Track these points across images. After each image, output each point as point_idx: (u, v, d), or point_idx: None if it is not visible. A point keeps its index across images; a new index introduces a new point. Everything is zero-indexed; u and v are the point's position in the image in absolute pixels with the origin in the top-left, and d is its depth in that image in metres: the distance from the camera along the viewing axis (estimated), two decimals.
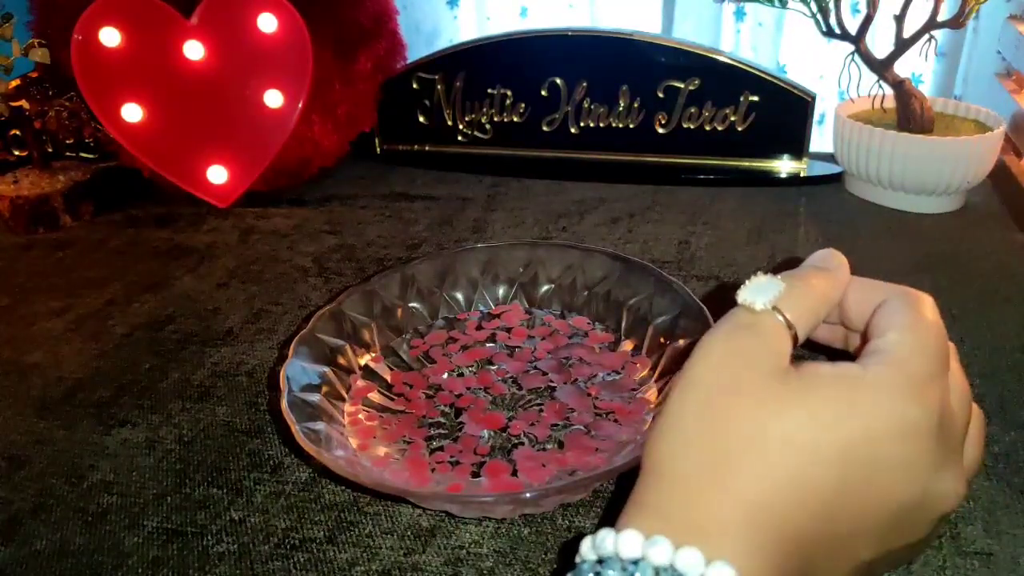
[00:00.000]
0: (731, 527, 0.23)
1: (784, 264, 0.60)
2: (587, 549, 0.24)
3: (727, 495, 0.23)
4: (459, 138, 0.82)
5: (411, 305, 0.51)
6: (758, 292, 0.26)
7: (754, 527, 0.23)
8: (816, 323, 0.28)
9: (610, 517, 0.24)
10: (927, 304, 0.27)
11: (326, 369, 0.44)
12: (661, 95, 0.75)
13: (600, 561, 0.23)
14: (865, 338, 0.28)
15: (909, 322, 0.26)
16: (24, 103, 0.71)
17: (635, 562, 0.22)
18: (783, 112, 0.73)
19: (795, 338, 0.26)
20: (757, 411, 0.24)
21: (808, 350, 0.26)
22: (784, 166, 0.75)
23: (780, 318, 0.26)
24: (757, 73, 0.72)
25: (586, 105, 0.77)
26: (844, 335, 0.32)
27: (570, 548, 0.36)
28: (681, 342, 0.43)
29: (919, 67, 1.25)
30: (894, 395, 0.24)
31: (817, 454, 0.23)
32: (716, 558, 0.22)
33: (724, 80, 0.73)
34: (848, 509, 0.24)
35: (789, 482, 0.23)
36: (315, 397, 0.42)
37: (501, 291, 0.53)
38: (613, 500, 0.39)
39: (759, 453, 0.23)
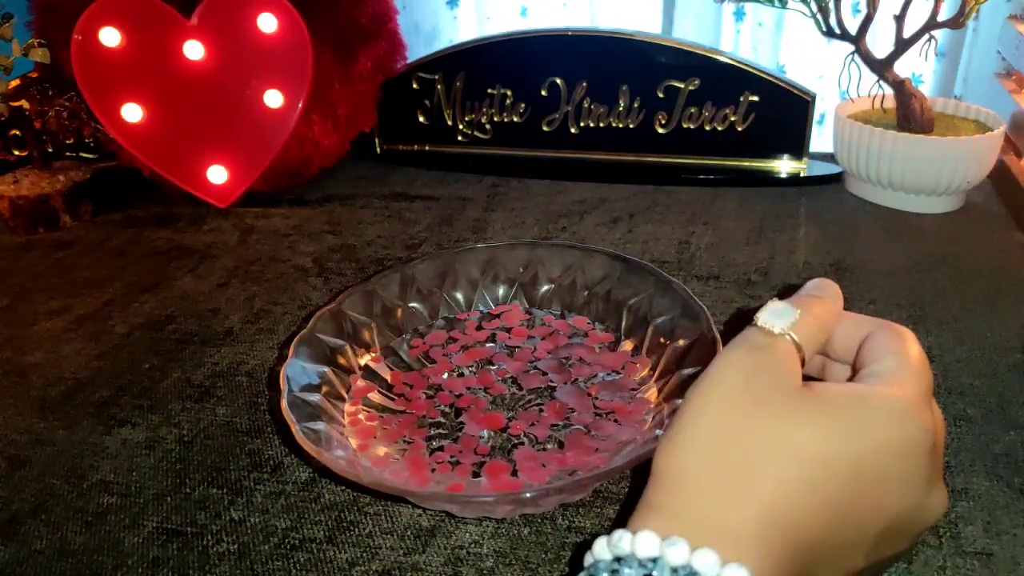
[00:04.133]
0: (746, 531, 0.24)
1: (781, 267, 0.60)
2: (601, 548, 0.24)
3: (744, 500, 0.24)
4: (459, 138, 0.82)
5: (411, 305, 0.51)
6: (776, 316, 0.29)
7: (767, 531, 0.24)
8: (818, 349, 0.30)
9: (621, 520, 0.25)
10: (912, 337, 0.29)
11: (326, 369, 0.44)
12: (661, 95, 0.75)
13: (617, 560, 0.23)
14: (855, 367, 0.30)
15: (901, 350, 0.28)
16: (24, 103, 0.71)
17: (653, 560, 0.23)
18: (783, 112, 0.73)
19: (803, 360, 0.28)
20: (775, 423, 0.25)
21: None
22: (784, 166, 0.75)
23: (792, 341, 0.28)
24: (757, 73, 0.72)
25: (586, 105, 0.77)
26: (822, 364, 0.34)
27: (578, 553, 0.36)
28: (681, 342, 0.43)
29: (919, 67, 1.25)
30: (897, 414, 0.26)
31: (829, 465, 0.25)
32: (731, 560, 0.23)
33: (724, 80, 0.73)
34: (853, 518, 0.25)
35: (803, 491, 0.24)
36: (315, 397, 0.42)
37: (501, 291, 0.53)
38: (615, 501, 0.39)
39: (776, 462, 0.25)
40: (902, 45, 0.64)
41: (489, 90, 0.79)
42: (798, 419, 0.25)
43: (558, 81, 0.77)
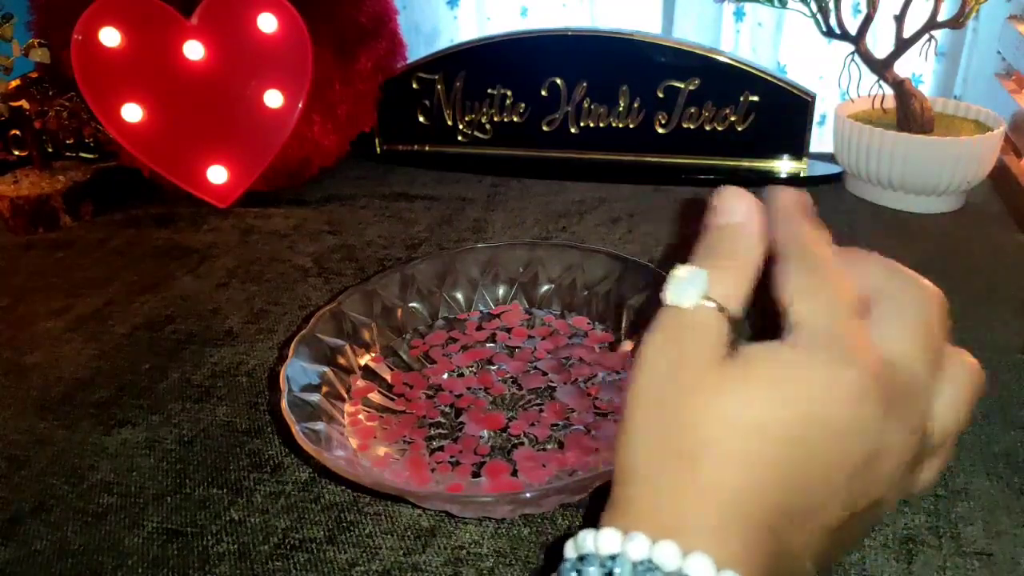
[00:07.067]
0: (702, 517, 0.23)
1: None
2: (570, 549, 0.25)
3: (692, 487, 0.24)
4: (459, 138, 0.82)
5: (411, 305, 0.51)
6: (683, 289, 0.26)
7: (724, 513, 0.23)
8: (749, 288, 0.27)
9: (592, 521, 0.25)
10: (821, 256, 0.27)
11: (326, 369, 0.44)
12: (661, 95, 0.75)
13: (581, 559, 0.24)
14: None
15: (809, 286, 0.26)
16: (24, 103, 0.71)
17: (613, 557, 0.23)
18: (783, 112, 0.73)
19: (731, 319, 0.26)
20: (703, 401, 0.24)
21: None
22: (784, 166, 0.75)
23: (711, 305, 0.26)
24: (757, 73, 0.72)
25: (586, 105, 0.77)
26: None
27: (555, 551, 0.37)
28: None
29: (919, 67, 1.25)
30: (824, 363, 0.24)
31: (765, 433, 0.24)
32: (693, 549, 0.22)
33: (724, 80, 0.73)
34: (812, 479, 0.24)
35: (746, 462, 0.24)
36: (315, 397, 0.42)
37: (501, 291, 0.53)
38: (598, 503, 0.39)
39: (711, 442, 0.24)
40: (902, 45, 0.64)
41: (489, 90, 0.79)
42: (720, 393, 0.24)
43: (558, 81, 0.77)
